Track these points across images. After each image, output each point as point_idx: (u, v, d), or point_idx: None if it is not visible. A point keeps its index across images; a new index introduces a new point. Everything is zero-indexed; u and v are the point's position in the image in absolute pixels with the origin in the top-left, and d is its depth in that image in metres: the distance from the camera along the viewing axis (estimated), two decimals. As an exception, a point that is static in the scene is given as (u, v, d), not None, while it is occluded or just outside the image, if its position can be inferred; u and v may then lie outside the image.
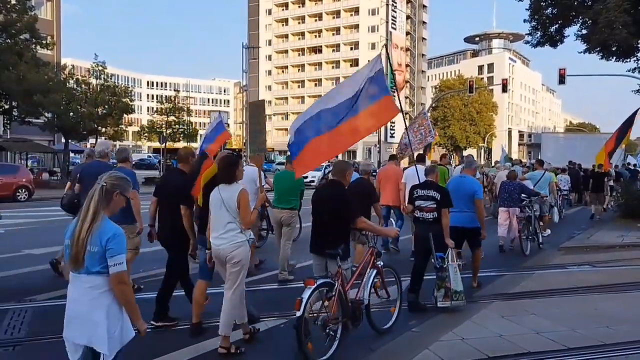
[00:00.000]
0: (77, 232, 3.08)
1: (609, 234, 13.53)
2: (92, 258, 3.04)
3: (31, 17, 31.91)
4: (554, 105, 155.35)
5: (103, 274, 3.06)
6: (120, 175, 3.33)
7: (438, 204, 6.59)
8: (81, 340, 3.09)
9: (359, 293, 5.37)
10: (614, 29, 16.29)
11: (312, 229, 5.45)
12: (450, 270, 6.48)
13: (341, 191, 5.39)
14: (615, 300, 7.23)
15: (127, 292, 3.11)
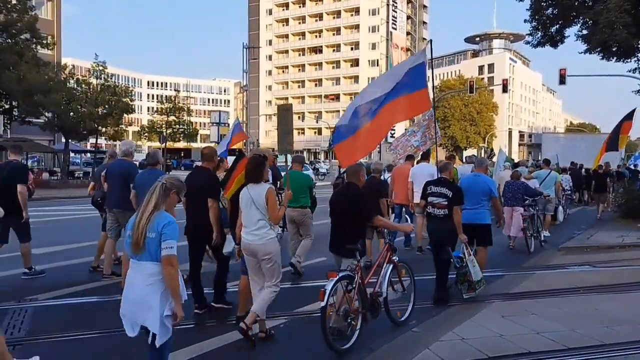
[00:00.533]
0: (138, 221, 3.58)
1: (609, 234, 13.52)
2: (150, 244, 3.51)
3: (32, 17, 31.95)
4: (554, 105, 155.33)
5: (156, 262, 3.52)
6: (178, 178, 3.92)
7: (449, 201, 6.81)
8: (137, 320, 3.56)
9: (377, 286, 5.66)
10: (614, 30, 16.28)
11: (331, 227, 5.81)
12: (469, 265, 6.86)
13: (357, 192, 5.75)
14: (615, 300, 7.22)
15: (174, 274, 3.52)
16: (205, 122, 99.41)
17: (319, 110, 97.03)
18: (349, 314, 5.12)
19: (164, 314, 3.50)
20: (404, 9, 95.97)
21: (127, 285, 3.64)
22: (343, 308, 5.09)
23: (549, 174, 13.95)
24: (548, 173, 13.98)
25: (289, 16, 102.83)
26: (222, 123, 34.76)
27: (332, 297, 4.98)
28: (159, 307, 3.49)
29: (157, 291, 3.51)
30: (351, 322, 5.15)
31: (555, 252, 11.45)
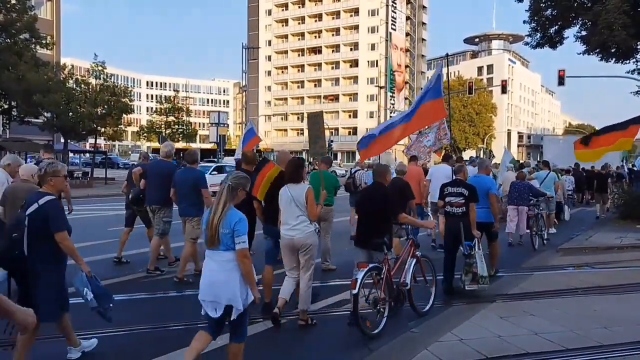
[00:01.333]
0: (211, 220, 4.06)
1: (607, 235, 13.53)
2: (224, 238, 4.04)
3: (31, 16, 31.93)
4: (553, 106, 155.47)
5: (232, 251, 4.04)
6: (241, 175, 4.32)
7: (466, 199, 7.40)
8: (220, 300, 4.04)
9: (402, 278, 6.14)
10: (613, 31, 16.31)
11: (359, 224, 6.26)
12: (477, 257, 7.26)
13: (384, 191, 6.24)
14: (613, 301, 7.24)
15: (247, 264, 4.06)
16: (205, 123, 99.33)
17: (318, 110, 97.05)
18: (377, 301, 5.62)
19: (243, 295, 4.03)
20: (404, 10, 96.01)
21: (207, 272, 4.15)
22: (372, 296, 5.59)
23: (548, 174, 14.45)
24: (547, 174, 14.48)
25: (289, 17, 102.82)
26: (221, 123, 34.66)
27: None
28: (239, 287, 4.03)
29: (236, 275, 4.04)
30: (380, 309, 5.65)
31: (554, 253, 11.47)
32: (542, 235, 12.12)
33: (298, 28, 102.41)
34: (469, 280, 7.27)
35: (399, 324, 5.99)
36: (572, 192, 19.31)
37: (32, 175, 6.33)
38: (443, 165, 11.39)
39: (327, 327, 6.04)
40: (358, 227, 6.26)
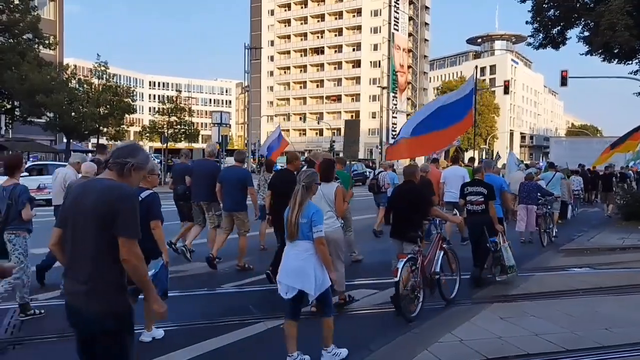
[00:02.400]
0: (290, 217, 4.67)
1: (609, 236, 13.51)
2: (303, 227, 4.61)
3: (34, 17, 32.05)
4: (556, 107, 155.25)
5: (311, 241, 4.60)
6: (309, 173, 4.93)
7: (485, 197, 7.99)
8: (295, 285, 4.59)
9: (432, 268, 6.70)
10: (616, 31, 16.27)
11: (393, 219, 6.94)
12: (502, 251, 7.93)
13: (415, 188, 6.96)
14: (615, 302, 7.22)
15: (324, 250, 4.65)
16: (207, 123, 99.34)
17: (321, 111, 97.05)
18: (415, 288, 6.25)
19: (318, 281, 4.59)
20: (406, 10, 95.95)
21: (286, 259, 4.74)
22: (410, 283, 6.21)
23: (554, 175, 15.08)
24: (554, 174, 15.11)
25: (291, 17, 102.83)
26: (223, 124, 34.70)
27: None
28: (314, 274, 4.57)
29: (311, 262, 4.60)
30: (417, 295, 6.28)
31: (556, 253, 11.45)
32: (550, 233, 12.68)
33: (300, 28, 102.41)
34: (499, 272, 8.03)
35: (400, 324, 5.99)
36: (579, 192, 19.84)
37: (93, 172, 7.22)
38: (456, 167, 11.91)
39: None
40: (392, 222, 6.96)
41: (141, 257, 2.92)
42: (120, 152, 3.10)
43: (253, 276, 8.23)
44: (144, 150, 3.27)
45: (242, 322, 6.03)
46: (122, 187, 2.95)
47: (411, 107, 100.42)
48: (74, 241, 2.95)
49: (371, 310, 6.60)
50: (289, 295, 4.63)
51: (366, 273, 8.69)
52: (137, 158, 3.08)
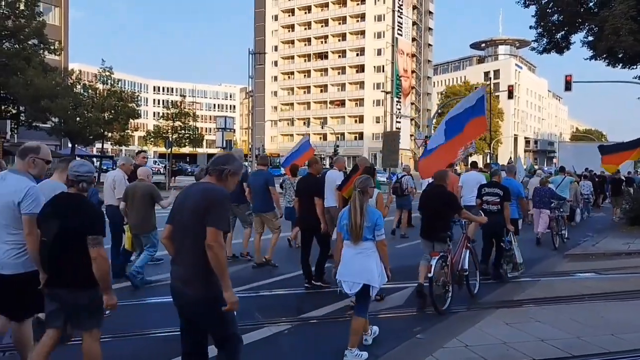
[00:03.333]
0: (354, 222, 5.05)
1: (615, 241, 13.46)
2: (366, 230, 5.05)
3: (39, 22, 32.22)
4: (560, 111, 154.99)
5: (372, 241, 5.08)
6: (363, 179, 5.30)
7: (501, 198, 8.66)
8: (360, 280, 5.01)
9: (459, 265, 7.28)
10: (620, 36, 16.26)
11: (423, 220, 7.57)
12: (514, 249, 8.77)
13: (446, 192, 7.42)
14: (621, 308, 7.19)
15: (385, 250, 5.16)
16: (211, 128, 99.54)
17: (324, 116, 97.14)
18: (446, 284, 6.80)
19: (378, 276, 5.04)
20: (410, 15, 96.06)
21: (347, 258, 5.13)
22: (442, 279, 6.76)
23: (563, 179, 15.78)
24: (563, 179, 15.80)
25: (295, 22, 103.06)
26: (227, 128, 34.73)
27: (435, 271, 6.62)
28: (376, 269, 5.03)
29: (373, 260, 5.06)
30: (447, 289, 6.82)
31: (561, 259, 11.41)
32: (561, 235, 13.35)
33: (304, 33, 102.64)
34: (510, 269, 8.82)
35: (404, 329, 5.98)
36: (589, 196, 20.49)
37: (147, 175, 7.94)
38: (473, 173, 12.45)
39: (332, 333, 6.03)
40: (423, 223, 7.53)
41: (223, 246, 3.44)
42: (218, 160, 3.69)
43: (257, 281, 8.23)
44: (238, 159, 3.83)
45: (246, 327, 6.02)
46: (217, 189, 3.55)
47: (415, 112, 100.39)
48: (179, 235, 3.59)
49: (376, 316, 6.58)
50: (353, 290, 5.06)
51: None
52: (233, 165, 3.66)
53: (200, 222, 3.39)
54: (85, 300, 3.83)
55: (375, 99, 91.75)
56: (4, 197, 4.12)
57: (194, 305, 3.49)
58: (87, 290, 3.84)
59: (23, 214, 4.06)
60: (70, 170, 3.99)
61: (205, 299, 3.44)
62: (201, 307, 3.47)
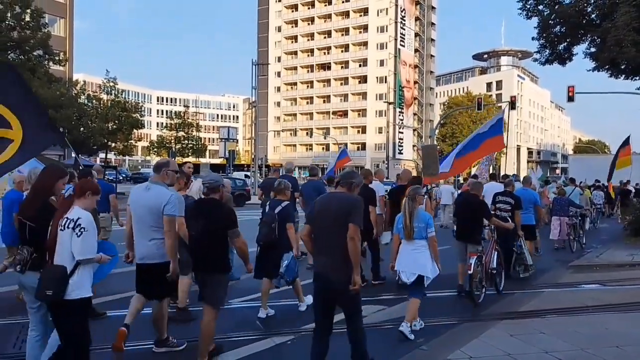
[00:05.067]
0: (407, 223, 6.23)
1: (619, 252, 13.41)
2: (418, 230, 6.22)
3: (45, 34, 32.43)
4: (563, 122, 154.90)
5: (424, 239, 6.22)
6: (415, 187, 6.61)
7: (512, 206, 9.53)
8: (416, 271, 6.15)
9: (490, 265, 8.30)
10: (622, 47, 16.27)
11: (458, 225, 8.65)
12: (525, 253, 9.85)
13: (478, 200, 8.50)
14: (625, 319, 7.15)
15: (435, 246, 6.27)
16: (214, 138, 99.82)
17: (327, 126, 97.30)
18: (482, 279, 7.94)
19: (431, 269, 6.17)
20: (412, 27, 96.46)
21: (404, 253, 6.27)
22: (479, 277, 7.85)
23: (573, 190, 16.56)
24: (572, 190, 16.59)
25: (298, 33, 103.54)
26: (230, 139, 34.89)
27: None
28: (429, 262, 6.17)
29: (425, 254, 6.20)
30: (483, 285, 7.99)
31: (565, 270, 11.37)
32: (579, 241, 14.53)
33: (307, 44, 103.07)
34: (522, 270, 9.91)
35: (408, 341, 5.95)
36: (601, 206, 22.05)
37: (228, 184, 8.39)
38: (492, 183, 13.08)
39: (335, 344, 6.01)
40: (458, 227, 8.63)
41: (359, 238, 4.51)
42: (346, 176, 4.90)
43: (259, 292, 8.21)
44: (358, 174, 5.01)
45: (249, 338, 6.01)
46: (353, 197, 4.70)
47: (417, 123, 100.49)
48: (321, 233, 4.67)
49: (379, 327, 6.56)
50: (410, 279, 6.15)
51: (373, 290, 8.66)
52: (357, 179, 4.84)
53: (344, 221, 4.43)
54: (219, 282, 5.13)
55: (377, 110, 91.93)
56: (150, 202, 5.20)
57: (337, 284, 4.46)
58: (223, 274, 5.19)
59: (165, 215, 5.11)
60: (204, 182, 5.39)
61: (346, 281, 4.41)
62: (342, 286, 4.43)
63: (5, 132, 5.74)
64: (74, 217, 3.99)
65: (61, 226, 4.00)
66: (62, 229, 3.98)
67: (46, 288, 3.89)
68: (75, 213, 4.01)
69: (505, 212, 9.52)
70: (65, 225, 3.97)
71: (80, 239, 3.91)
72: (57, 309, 4.00)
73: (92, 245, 4.01)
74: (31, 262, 4.25)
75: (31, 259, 4.25)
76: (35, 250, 4.23)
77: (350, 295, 4.48)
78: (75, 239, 3.92)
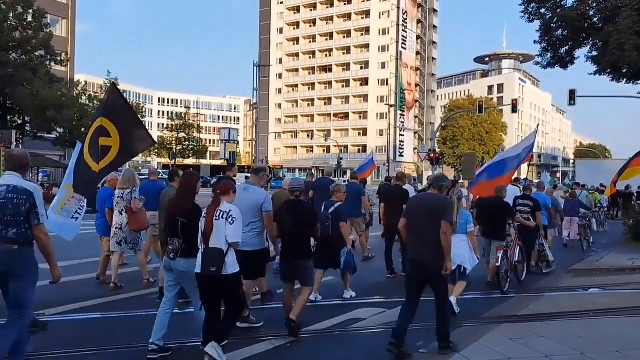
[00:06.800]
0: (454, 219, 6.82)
1: (619, 256, 13.38)
2: (460, 226, 7.22)
3: (47, 34, 32.51)
4: (564, 126, 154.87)
5: (465, 234, 7.30)
6: (459, 190, 8.13)
7: (532, 209, 10.42)
8: (456, 261, 6.87)
9: (513, 258, 9.42)
10: (624, 51, 16.26)
11: (484, 223, 9.55)
12: (547, 250, 11.06)
13: (502, 201, 9.68)
14: (625, 324, 7.13)
15: (474, 239, 7.52)
16: (215, 139, 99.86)
17: (328, 128, 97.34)
18: (507, 271, 8.99)
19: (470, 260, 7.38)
20: (414, 29, 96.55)
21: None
22: (505, 269, 8.88)
23: (580, 193, 17.69)
24: (580, 193, 17.64)
25: (300, 35, 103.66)
26: (231, 140, 34.90)
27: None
28: (468, 254, 7.29)
29: (466, 247, 7.29)
30: (508, 276, 9.06)
31: (565, 274, 11.34)
32: (588, 240, 15.33)
33: (309, 47, 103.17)
34: (545, 266, 11.02)
35: (407, 344, 5.93)
36: (608, 209, 23.02)
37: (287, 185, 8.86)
38: (511, 187, 13.63)
39: (334, 346, 5.99)
40: (483, 225, 9.55)
41: (451, 233, 5.57)
42: (438, 179, 5.99)
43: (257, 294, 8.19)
44: (448, 179, 6.07)
45: (248, 340, 5.99)
46: (444, 197, 5.87)
47: (418, 125, 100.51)
48: (416, 227, 5.71)
49: (379, 330, 6.54)
50: (452, 268, 6.27)
51: (374, 292, 8.64)
52: (446, 182, 5.93)
53: (436, 218, 5.44)
54: (304, 266, 6.29)
55: (379, 112, 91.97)
56: (250, 201, 6.26)
57: (432, 269, 5.50)
58: (308, 260, 6.41)
59: (264, 212, 6.29)
60: (290, 185, 6.68)
61: (439, 266, 5.46)
62: (435, 270, 5.47)
63: (107, 140, 6.87)
64: (226, 209, 5.08)
65: (216, 217, 5.03)
66: (217, 219, 5.02)
67: (210, 266, 4.87)
68: (226, 207, 5.11)
69: (525, 214, 10.33)
70: (219, 216, 5.02)
71: (232, 226, 5.00)
72: (218, 283, 4.97)
73: (240, 231, 5.13)
74: (181, 250, 5.18)
75: (181, 248, 5.19)
76: (184, 241, 5.18)
77: (442, 277, 5.54)
78: (228, 226, 4.99)
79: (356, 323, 6.83)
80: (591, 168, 39.37)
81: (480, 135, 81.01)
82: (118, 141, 6.87)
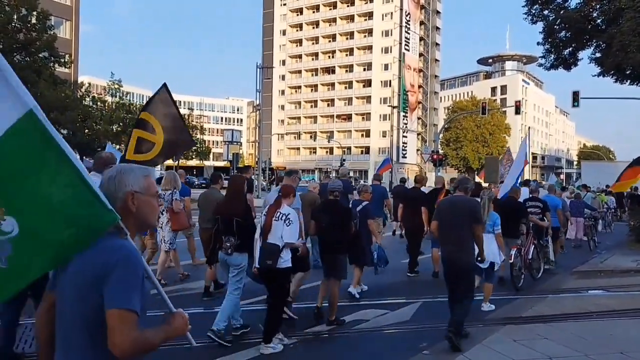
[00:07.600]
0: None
1: (623, 258, 13.35)
2: (488, 226, 7.30)
3: (50, 36, 32.56)
4: (567, 127, 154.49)
5: (492, 233, 7.44)
6: (489, 191, 8.32)
7: (541, 209, 10.95)
8: (488, 258, 6.90)
9: (528, 255, 9.94)
10: (628, 53, 16.22)
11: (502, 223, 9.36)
12: (550, 250, 11.53)
13: (516, 202, 10.08)
14: (629, 325, 7.12)
15: (500, 239, 7.67)
16: (218, 141, 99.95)
17: (331, 130, 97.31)
18: (521, 268, 9.46)
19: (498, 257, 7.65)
20: (417, 31, 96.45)
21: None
22: (519, 265, 9.38)
23: (585, 195, 18.24)
24: (585, 194, 18.11)
25: (303, 37, 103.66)
26: (234, 142, 34.89)
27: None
28: (496, 251, 7.53)
29: (494, 245, 7.44)
30: (522, 272, 9.54)
31: (568, 276, 11.32)
32: (594, 240, 15.95)
33: (312, 48, 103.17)
34: (547, 264, 11.25)
35: (410, 345, 5.93)
36: (614, 210, 23.27)
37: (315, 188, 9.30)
38: (524, 188, 13.95)
39: (337, 348, 5.99)
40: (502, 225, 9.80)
41: (483, 231, 6.27)
42: (463, 181, 6.54)
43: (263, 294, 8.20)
44: (471, 181, 6.53)
45: (253, 340, 6.00)
46: (472, 199, 6.32)
47: (422, 127, 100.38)
48: (448, 226, 6.15)
49: (382, 331, 6.55)
50: (484, 266, 7.03)
51: (376, 294, 8.64)
52: (470, 185, 6.37)
53: (468, 218, 6.00)
54: (342, 261, 6.81)
55: (382, 114, 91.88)
56: None
57: (462, 264, 6.01)
58: (342, 254, 6.85)
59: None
60: (329, 186, 7.16)
61: (468, 262, 6.04)
62: (464, 266, 6.02)
63: (151, 136, 7.11)
64: (285, 212, 5.65)
65: (275, 217, 5.60)
66: (276, 220, 5.59)
67: (267, 259, 5.48)
68: (286, 209, 5.68)
69: (535, 215, 10.81)
70: (278, 217, 5.59)
71: (289, 228, 5.56)
72: (272, 274, 5.60)
73: (295, 233, 5.70)
74: (236, 246, 5.79)
75: (236, 243, 5.78)
76: (239, 237, 5.78)
77: (468, 273, 6.10)
78: (285, 228, 5.55)
79: (360, 324, 6.83)
80: (596, 170, 39.99)
81: (483, 137, 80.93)
82: (162, 141, 7.08)
